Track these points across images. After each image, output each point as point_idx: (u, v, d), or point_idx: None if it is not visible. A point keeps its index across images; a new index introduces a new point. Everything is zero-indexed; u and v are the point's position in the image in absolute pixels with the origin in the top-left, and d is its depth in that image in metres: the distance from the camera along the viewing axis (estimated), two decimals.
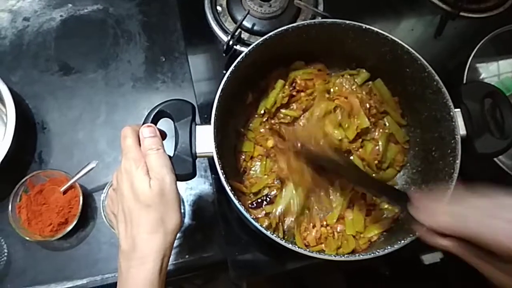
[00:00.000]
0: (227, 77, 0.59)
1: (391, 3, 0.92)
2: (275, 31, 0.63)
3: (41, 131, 0.82)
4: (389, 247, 0.53)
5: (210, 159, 0.78)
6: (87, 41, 0.89)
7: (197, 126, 0.57)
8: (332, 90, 0.74)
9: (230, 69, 0.60)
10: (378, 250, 0.53)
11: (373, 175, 0.70)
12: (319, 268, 0.76)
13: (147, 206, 0.49)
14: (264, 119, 0.73)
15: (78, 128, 0.82)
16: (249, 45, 0.63)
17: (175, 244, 0.75)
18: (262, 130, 0.72)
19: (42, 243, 0.74)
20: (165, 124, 0.59)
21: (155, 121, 0.57)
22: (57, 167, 0.76)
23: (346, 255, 0.55)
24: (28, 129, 0.81)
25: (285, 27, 0.63)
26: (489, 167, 0.74)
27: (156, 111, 0.56)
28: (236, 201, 0.55)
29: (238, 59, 0.60)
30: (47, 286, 0.72)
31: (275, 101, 0.72)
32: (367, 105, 0.71)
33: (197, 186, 0.80)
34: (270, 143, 0.71)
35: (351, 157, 0.72)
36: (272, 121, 0.73)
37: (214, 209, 0.77)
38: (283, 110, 0.74)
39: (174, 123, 0.57)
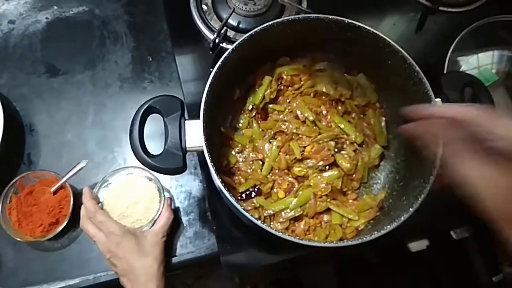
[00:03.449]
0: (215, 73, 0.60)
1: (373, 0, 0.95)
2: (261, 26, 0.64)
3: (29, 133, 0.82)
4: (375, 232, 0.54)
5: (200, 156, 0.79)
6: (73, 42, 0.89)
7: (186, 121, 0.58)
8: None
9: (218, 64, 0.61)
10: (365, 236, 0.54)
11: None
12: (309, 258, 0.78)
13: None
14: (252, 115, 0.74)
15: (67, 129, 0.83)
16: (235, 42, 0.64)
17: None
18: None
19: (33, 243, 0.74)
20: (154, 119, 0.60)
21: (144, 117, 0.57)
22: (46, 168, 0.77)
23: (335, 242, 0.56)
24: (16, 131, 0.81)
25: (270, 23, 0.64)
26: None
27: (145, 107, 0.57)
28: (227, 193, 0.55)
29: (225, 54, 0.61)
30: (39, 286, 0.72)
31: (263, 97, 0.74)
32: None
33: (187, 183, 0.80)
34: None
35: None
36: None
37: (205, 205, 0.78)
38: (270, 105, 0.75)
39: (163, 118, 0.58)
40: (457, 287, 0.89)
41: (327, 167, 0.71)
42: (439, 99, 0.63)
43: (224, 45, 0.83)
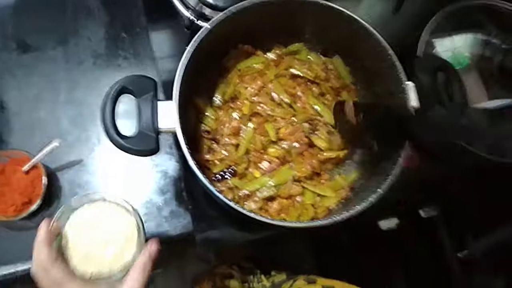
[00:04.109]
0: (189, 52, 0.60)
1: None
2: (237, 5, 0.63)
3: None
4: (345, 212, 0.56)
5: (175, 136, 0.79)
6: (45, 18, 0.86)
7: (158, 102, 0.57)
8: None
9: (192, 43, 0.60)
10: (335, 216, 0.56)
11: None
12: (284, 236, 0.79)
13: None
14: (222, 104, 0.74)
15: (39, 107, 0.81)
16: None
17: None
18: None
19: (6, 223, 0.73)
20: (129, 99, 0.59)
21: (116, 97, 0.57)
22: (18, 147, 0.75)
23: (306, 222, 0.58)
24: None
25: (246, 2, 0.63)
26: None
27: (116, 87, 0.56)
28: (200, 175, 0.56)
29: (199, 33, 0.61)
30: (13, 265, 0.72)
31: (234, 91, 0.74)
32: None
33: (163, 163, 0.80)
34: None
35: None
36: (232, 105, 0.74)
37: (181, 185, 0.79)
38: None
39: (136, 99, 0.57)
40: (425, 263, 0.93)
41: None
42: (411, 83, 0.64)
43: (199, 23, 0.81)
